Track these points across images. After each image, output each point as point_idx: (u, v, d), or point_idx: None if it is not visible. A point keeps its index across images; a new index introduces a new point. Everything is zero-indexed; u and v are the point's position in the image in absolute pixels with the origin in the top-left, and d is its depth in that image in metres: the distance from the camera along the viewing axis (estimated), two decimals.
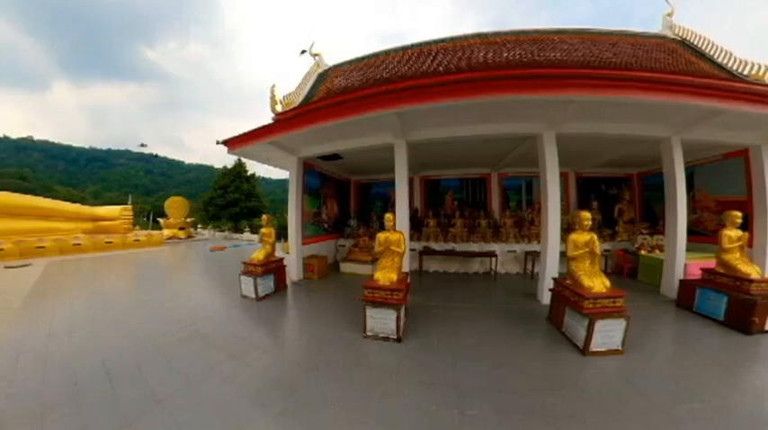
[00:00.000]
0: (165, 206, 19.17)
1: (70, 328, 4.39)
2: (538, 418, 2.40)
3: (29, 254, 11.81)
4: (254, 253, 6.14)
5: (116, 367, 3.25)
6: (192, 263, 10.96)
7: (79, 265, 10.27)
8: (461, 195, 10.30)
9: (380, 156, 7.16)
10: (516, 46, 7.77)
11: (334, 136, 6.34)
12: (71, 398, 2.68)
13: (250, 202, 21.49)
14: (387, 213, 4.55)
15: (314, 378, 3.04)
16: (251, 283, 5.65)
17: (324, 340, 3.96)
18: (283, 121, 5.93)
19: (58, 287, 7.21)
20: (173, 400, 2.66)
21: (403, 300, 3.91)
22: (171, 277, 8.37)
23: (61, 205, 14.47)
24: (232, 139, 6.59)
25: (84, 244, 13.29)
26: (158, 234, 16.69)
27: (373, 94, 4.97)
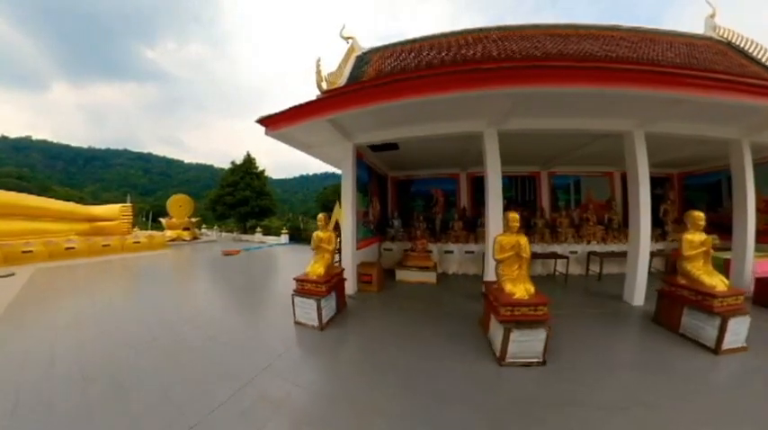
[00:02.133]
0: (168, 205, 17.47)
1: (47, 400, 2.70)
2: None
3: (14, 259, 10.20)
4: (310, 265, 4.76)
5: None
6: (206, 271, 9.34)
7: (71, 274, 8.64)
8: (510, 194, 9.74)
9: (436, 147, 6.84)
10: (582, 40, 7.14)
11: (405, 119, 5.43)
12: None
13: (261, 201, 19.77)
14: (510, 212, 3.93)
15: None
16: (312, 307, 4.30)
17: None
18: (352, 94, 4.83)
19: (41, 308, 5.57)
20: None
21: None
22: (187, 293, 6.73)
23: (52, 203, 12.83)
24: (274, 117, 5.27)
25: (78, 247, 11.66)
26: (160, 235, 15.06)
27: (495, 68, 4.35)
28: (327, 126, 5.34)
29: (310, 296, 4.30)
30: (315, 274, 4.48)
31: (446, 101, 4.39)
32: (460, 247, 8.31)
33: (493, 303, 3.68)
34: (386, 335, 4.14)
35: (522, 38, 7.26)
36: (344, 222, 6.22)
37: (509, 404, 2.59)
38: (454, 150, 7.55)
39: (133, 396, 2.69)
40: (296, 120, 5.20)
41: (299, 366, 3.31)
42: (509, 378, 3.04)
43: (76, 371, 3.12)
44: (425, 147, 7.13)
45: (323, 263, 4.71)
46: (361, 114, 4.91)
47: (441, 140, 6.07)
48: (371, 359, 3.47)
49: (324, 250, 4.84)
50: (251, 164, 20.86)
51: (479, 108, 4.86)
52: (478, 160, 8.08)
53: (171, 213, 17.26)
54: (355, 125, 5.68)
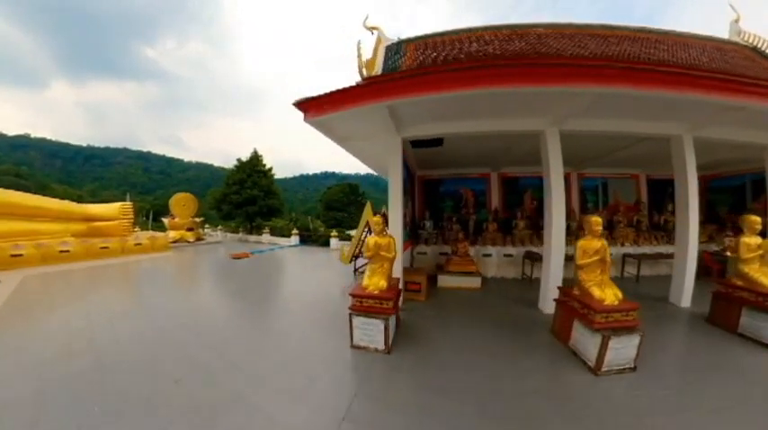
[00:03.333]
0: (171, 203, 16.45)
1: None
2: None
3: (1, 264, 9.22)
4: (367, 277, 4.10)
5: None
6: (216, 278, 8.39)
7: (65, 283, 7.67)
8: (541, 195, 9.31)
9: (479, 145, 6.72)
10: (621, 42, 6.82)
11: (465, 113, 5.08)
12: None
13: (269, 200, 18.72)
14: (593, 216, 3.86)
15: None
16: (377, 328, 3.70)
17: None
18: (420, 78, 4.30)
19: (25, 328, 4.59)
20: None
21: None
22: (199, 309, 5.73)
23: (45, 202, 11.81)
24: (318, 99, 4.58)
25: (73, 250, 10.69)
26: (163, 236, 14.10)
27: (602, 65, 4.21)
28: (379, 115, 4.75)
29: (375, 315, 3.69)
30: (377, 289, 3.83)
31: (518, 95, 4.20)
32: (498, 250, 8.08)
33: (579, 311, 3.60)
34: (458, 352, 3.74)
35: (563, 36, 6.87)
36: (392, 224, 5.53)
37: (631, 417, 2.52)
38: (496, 149, 7.30)
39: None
40: (345, 105, 4.53)
41: (390, 411, 2.53)
42: (610, 387, 2.95)
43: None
44: (468, 145, 6.77)
45: (383, 274, 4.05)
46: (422, 103, 4.39)
47: (487, 138, 5.81)
48: (457, 385, 3.01)
49: (383, 259, 4.14)
50: (258, 161, 19.82)
51: (550, 105, 4.72)
52: (513, 160, 8.26)
53: (174, 213, 16.22)
54: (411, 115, 5.07)
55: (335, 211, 30.94)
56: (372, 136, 5.81)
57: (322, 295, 6.60)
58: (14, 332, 4.44)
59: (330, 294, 6.64)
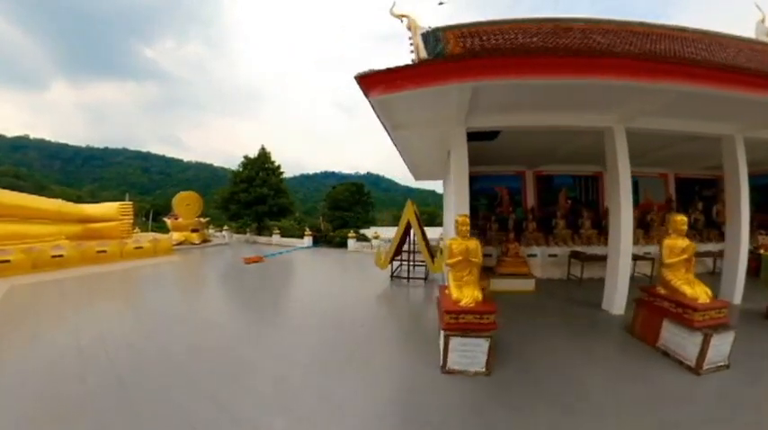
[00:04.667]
0: (174, 203, 15.28)
1: None
2: None
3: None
4: (456, 288, 3.67)
5: None
6: (234, 289, 7.33)
7: (57, 294, 6.56)
8: (575, 194, 9.74)
9: (530, 140, 6.67)
10: (662, 40, 6.33)
11: (536, 104, 4.96)
12: None
13: (279, 199, 17.58)
14: (678, 215, 4.03)
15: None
16: (479, 348, 3.28)
17: None
18: (516, 60, 3.96)
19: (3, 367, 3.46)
20: None
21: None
22: (224, 332, 4.64)
23: (35, 201, 10.67)
24: (392, 72, 3.95)
25: (67, 254, 9.56)
26: (166, 238, 12.97)
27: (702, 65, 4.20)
28: (454, 98, 4.40)
29: (477, 333, 3.27)
30: (473, 301, 3.44)
31: (595, 89, 4.12)
32: (543, 250, 7.99)
33: (672, 310, 3.58)
34: (552, 365, 3.50)
35: (606, 32, 6.53)
36: (448, 223, 5.76)
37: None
38: (545, 145, 7.14)
39: None
40: (424, 82, 3.96)
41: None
42: (720, 385, 3.01)
43: None
44: (519, 140, 6.58)
45: (474, 283, 3.71)
46: (502, 89, 4.19)
47: (543, 133, 5.75)
48: (582, 401, 2.81)
49: (472, 265, 3.79)
50: (266, 159, 18.64)
51: (624, 101, 4.68)
52: (554, 158, 8.10)
53: (178, 212, 15.04)
54: (486, 103, 4.71)
55: (341, 211, 29.78)
56: (433, 124, 5.42)
57: (374, 308, 5.91)
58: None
59: (384, 306, 5.99)
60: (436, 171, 10.29)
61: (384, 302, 6.40)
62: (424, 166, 9.46)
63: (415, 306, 6.32)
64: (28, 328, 4.58)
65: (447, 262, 3.91)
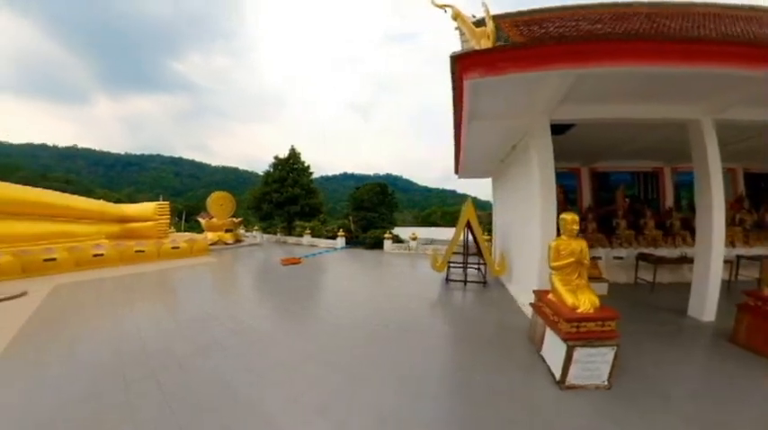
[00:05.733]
0: (208, 203, 15.23)
1: None
2: None
3: (34, 269, 8.17)
4: (568, 294, 3.29)
5: None
6: (281, 293, 6.70)
7: (96, 299, 6.23)
8: (633, 192, 9.28)
9: (600, 135, 6.32)
10: (737, 21, 5.60)
11: (622, 95, 4.55)
12: None
13: (311, 199, 17.25)
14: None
15: None
16: (605, 358, 2.97)
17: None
18: (626, 44, 3.54)
19: (37, 384, 2.98)
20: None
21: None
22: (292, 355, 3.97)
23: (78, 201, 10.77)
24: (492, 54, 3.67)
25: (107, 254, 9.51)
26: (202, 239, 12.80)
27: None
28: (552, 86, 4.08)
29: (601, 342, 3.00)
30: (593, 307, 3.14)
31: (689, 78, 3.85)
32: (607, 252, 7.48)
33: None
34: (670, 376, 3.19)
35: (673, 15, 6.07)
36: (542, 225, 4.76)
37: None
38: (613, 140, 6.81)
39: None
40: (530, 65, 3.63)
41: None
42: None
43: None
44: (586, 134, 6.16)
45: (588, 287, 3.43)
46: (602, 77, 3.88)
47: (617, 125, 5.43)
48: (733, 419, 2.49)
49: (584, 267, 3.53)
50: (296, 159, 18.36)
51: (718, 91, 4.32)
52: (613, 154, 7.66)
53: (211, 212, 14.96)
54: (578, 91, 4.33)
55: (365, 211, 29.08)
56: (514, 115, 5.08)
57: (441, 314, 5.33)
58: (28, 376, 2.85)
59: (452, 313, 5.37)
60: (487, 168, 9.33)
61: (449, 308, 5.68)
62: (477, 163, 8.57)
63: (485, 312, 5.42)
64: (60, 349, 4.13)
65: (553, 264, 3.51)
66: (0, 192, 8.54)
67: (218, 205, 14.92)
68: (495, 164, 8.37)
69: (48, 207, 9.59)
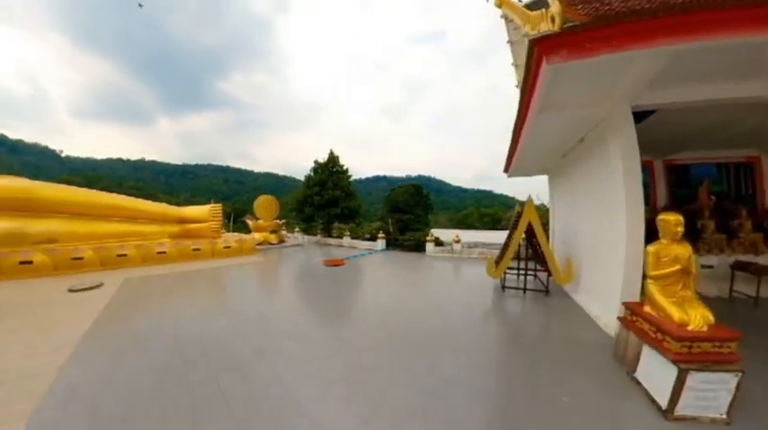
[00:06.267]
0: (255, 206, 16.09)
1: None
2: None
3: (110, 263, 9.12)
4: (672, 308, 2.84)
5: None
6: (330, 293, 6.65)
7: (160, 292, 6.68)
8: (720, 187, 7.92)
9: (681, 121, 5.37)
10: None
11: (708, 74, 3.85)
12: None
13: (350, 202, 17.49)
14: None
15: None
16: (726, 386, 2.54)
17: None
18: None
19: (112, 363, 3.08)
20: None
21: None
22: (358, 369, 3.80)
23: (146, 205, 11.97)
24: (578, 34, 3.16)
25: (169, 251, 10.37)
26: (250, 239, 13.46)
27: None
28: (640, 66, 3.55)
29: (722, 367, 2.50)
30: (704, 324, 2.66)
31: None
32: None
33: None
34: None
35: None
36: (627, 226, 4.15)
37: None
38: (698, 126, 5.81)
39: None
40: (624, 43, 3.12)
41: None
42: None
43: None
44: (672, 121, 5.37)
45: (696, 300, 2.93)
46: (696, 54, 3.22)
47: (709, 109, 4.58)
48: None
49: (692, 276, 3.02)
50: (335, 162, 18.75)
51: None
52: (695, 143, 6.64)
53: (258, 215, 15.80)
54: (667, 72, 3.71)
55: (401, 213, 28.69)
56: (591, 103, 4.45)
57: (504, 326, 4.83)
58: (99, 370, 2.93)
59: (516, 325, 4.79)
60: (543, 165, 8.54)
61: (512, 318, 5.16)
62: (534, 160, 7.85)
63: (553, 324, 4.79)
64: (128, 339, 4.35)
65: (653, 273, 3.09)
66: (86, 198, 9.93)
67: (264, 208, 15.67)
68: (555, 160, 7.59)
69: (121, 209, 10.75)
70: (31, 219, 8.72)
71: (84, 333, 4.04)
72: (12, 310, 5.00)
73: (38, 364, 3.21)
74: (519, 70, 9.83)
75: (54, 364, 3.19)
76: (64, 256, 8.45)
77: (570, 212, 7.16)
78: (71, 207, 9.59)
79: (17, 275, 7.73)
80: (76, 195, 9.94)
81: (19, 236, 8.35)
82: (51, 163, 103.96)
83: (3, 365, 3.15)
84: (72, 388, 2.81)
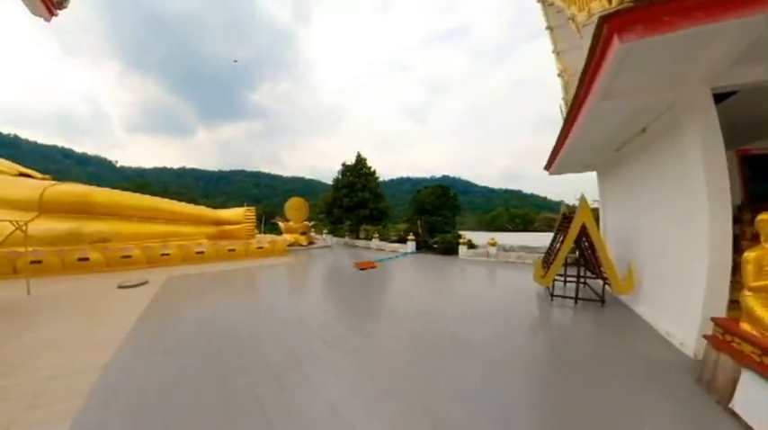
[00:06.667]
0: (286, 207, 16.48)
1: None
2: None
3: (154, 261, 9.73)
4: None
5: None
6: (365, 300, 6.42)
7: (199, 289, 6.90)
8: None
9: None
10: None
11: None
12: None
13: (379, 203, 17.38)
14: None
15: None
16: None
17: None
18: None
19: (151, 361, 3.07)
20: None
21: None
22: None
23: (185, 207, 12.71)
24: (650, 6, 2.69)
25: (206, 251, 10.85)
26: (282, 240, 13.73)
27: None
28: (727, 40, 2.94)
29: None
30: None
31: None
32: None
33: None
34: None
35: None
36: (711, 229, 3.55)
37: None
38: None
39: None
40: (713, 14, 2.60)
41: None
42: None
43: None
44: (755, 101, 4.40)
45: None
46: None
47: None
48: None
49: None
50: (363, 164, 18.73)
51: None
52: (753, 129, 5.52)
53: (288, 216, 16.16)
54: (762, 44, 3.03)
55: (428, 215, 28.02)
56: (660, 87, 3.87)
57: (564, 342, 4.23)
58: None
59: (577, 341, 4.17)
60: (590, 161, 7.79)
61: (567, 333, 4.57)
62: (581, 155, 7.15)
63: (616, 340, 4.19)
64: (171, 333, 4.40)
65: (754, 284, 2.69)
66: (133, 201, 10.80)
67: (295, 209, 15.98)
68: (607, 154, 6.85)
69: (164, 212, 11.44)
70: (87, 221, 9.53)
71: (128, 332, 4.14)
72: (72, 303, 5.39)
73: (84, 361, 3.28)
74: (561, 57, 9.11)
75: (98, 363, 3.25)
76: (115, 254, 9.08)
77: (627, 212, 6.38)
78: (121, 209, 10.37)
79: (76, 271, 8.45)
80: (125, 199, 10.74)
81: (77, 235, 9.10)
82: (108, 172, 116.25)
83: (55, 361, 3.25)
84: (114, 388, 2.81)
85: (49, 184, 9.95)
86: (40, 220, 9.00)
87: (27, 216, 8.85)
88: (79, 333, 4.08)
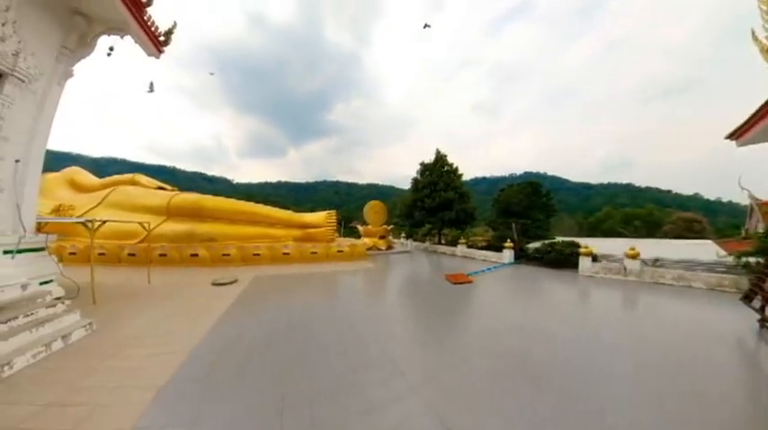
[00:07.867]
0: (365, 210, 16.08)
1: None
2: None
3: (247, 260, 10.46)
4: None
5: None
6: (468, 331, 4.95)
7: (282, 291, 6.64)
8: None
9: None
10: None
11: None
12: None
13: (465, 204, 15.32)
14: None
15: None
16: None
17: None
18: None
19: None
20: None
21: None
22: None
23: (275, 212, 13.51)
24: None
25: (292, 253, 11.16)
26: (361, 244, 13.26)
27: None
28: None
29: None
30: None
31: None
32: None
33: None
34: None
35: None
36: None
37: None
38: None
39: None
40: None
41: None
42: None
43: None
44: None
45: None
46: None
47: None
48: None
49: None
50: (444, 161, 16.97)
51: None
52: None
53: (367, 219, 15.67)
54: None
55: (515, 217, 23.69)
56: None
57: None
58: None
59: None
60: None
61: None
62: None
63: None
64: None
65: None
66: (233, 206, 11.96)
67: (374, 212, 15.41)
68: None
69: (257, 215, 12.32)
70: (198, 223, 10.86)
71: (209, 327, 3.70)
72: (175, 296, 6.09)
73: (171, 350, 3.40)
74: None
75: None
76: (217, 252, 9.97)
77: None
78: (225, 214, 11.55)
79: (188, 264, 9.58)
80: (228, 205, 12.01)
81: (191, 235, 10.30)
82: (228, 188, 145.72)
83: (149, 348, 3.41)
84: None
85: (175, 194, 11.90)
86: (168, 223, 10.65)
87: (160, 219, 10.72)
88: (177, 323, 4.43)
